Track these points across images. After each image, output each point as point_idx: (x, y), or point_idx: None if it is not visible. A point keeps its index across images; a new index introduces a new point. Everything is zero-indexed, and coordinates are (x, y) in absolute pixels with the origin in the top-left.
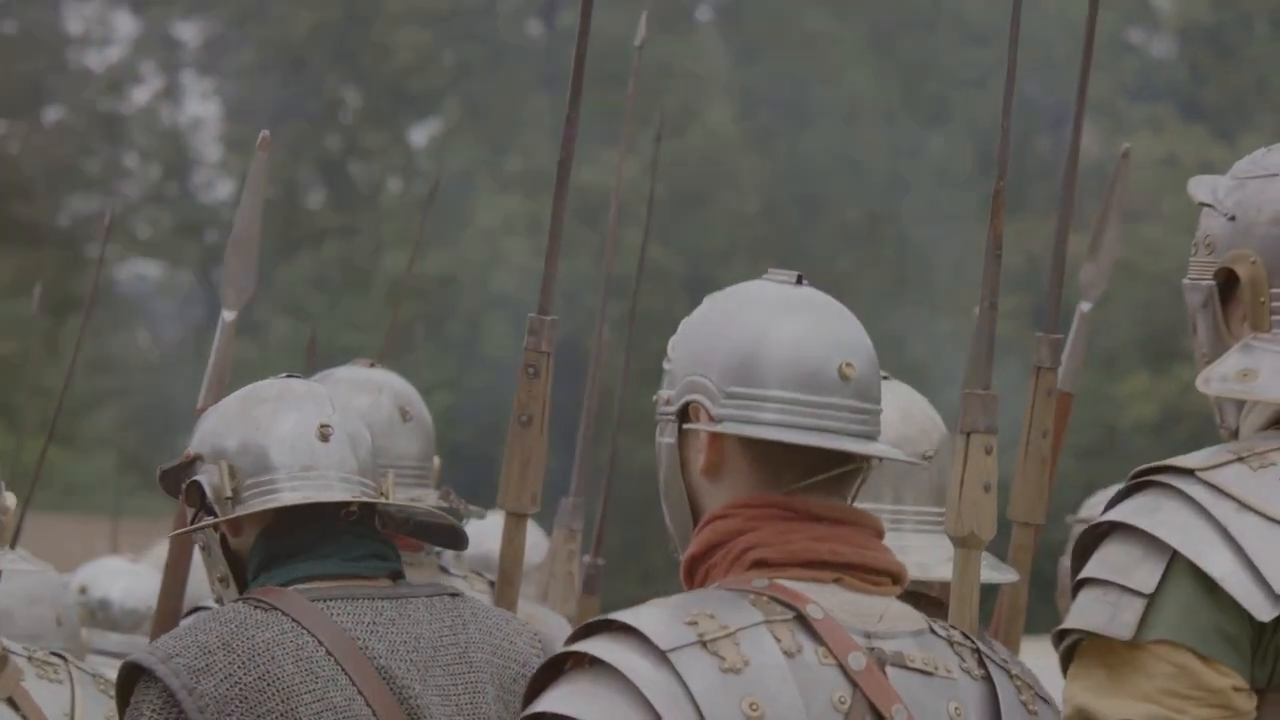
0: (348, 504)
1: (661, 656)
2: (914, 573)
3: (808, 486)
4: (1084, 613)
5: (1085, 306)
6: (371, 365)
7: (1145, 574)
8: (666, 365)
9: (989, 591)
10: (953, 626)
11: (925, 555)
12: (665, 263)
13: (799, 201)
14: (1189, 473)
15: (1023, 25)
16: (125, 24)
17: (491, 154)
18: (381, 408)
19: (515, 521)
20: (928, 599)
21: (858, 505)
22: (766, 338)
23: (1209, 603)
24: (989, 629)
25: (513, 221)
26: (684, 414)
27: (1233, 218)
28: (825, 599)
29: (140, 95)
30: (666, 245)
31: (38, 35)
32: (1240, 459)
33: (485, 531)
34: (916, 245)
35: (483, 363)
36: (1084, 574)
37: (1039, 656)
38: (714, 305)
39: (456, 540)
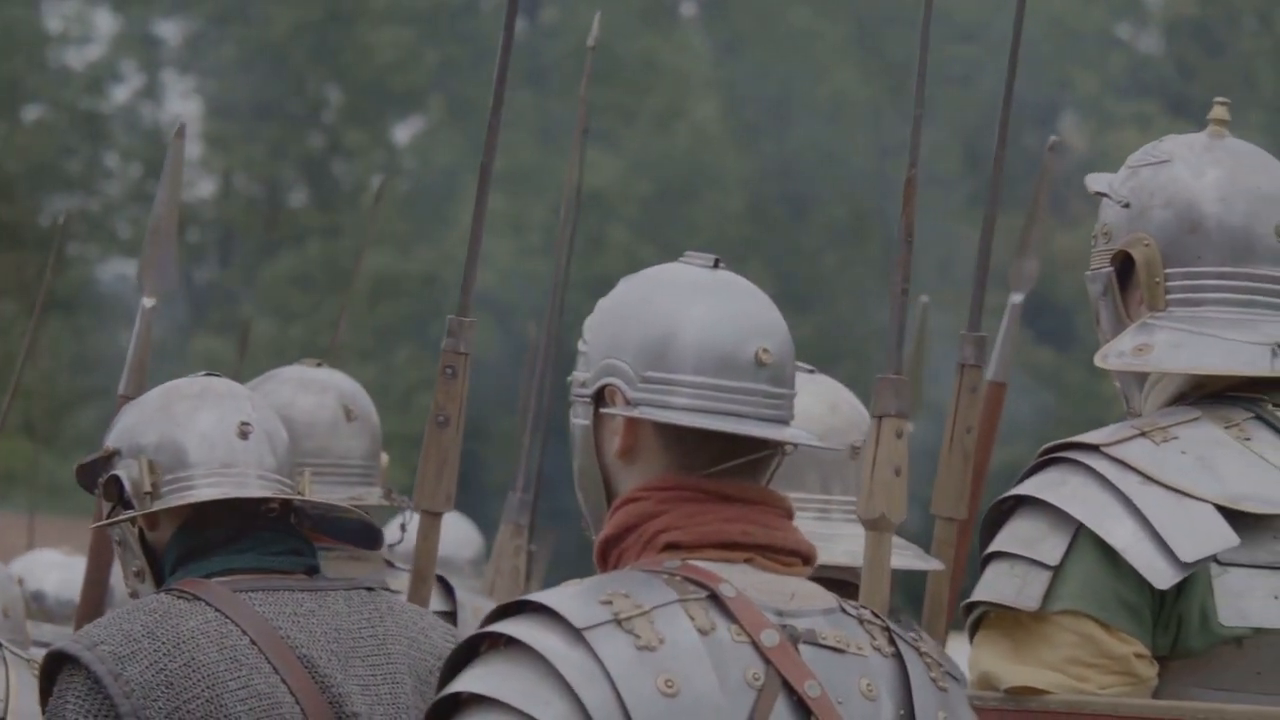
0: (266, 500)
1: (577, 635)
2: (843, 560)
3: (722, 471)
4: (992, 585)
5: (1016, 298)
6: (317, 365)
7: (1051, 546)
8: (582, 347)
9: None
10: (863, 606)
11: (854, 544)
12: (650, 261)
13: (785, 199)
14: (1094, 448)
15: (1006, 22)
16: (105, 22)
17: (474, 152)
18: (326, 407)
19: (430, 520)
20: (852, 586)
21: (787, 493)
22: (682, 322)
23: (1111, 573)
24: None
25: (496, 220)
26: (599, 397)
27: (1127, 205)
28: (737, 578)
29: (121, 94)
30: (651, 244)
31: (16, 33)
32: (1143, 434)
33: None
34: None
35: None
36: (992, 548)
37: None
38: (630, 288)
39: (372, 539)
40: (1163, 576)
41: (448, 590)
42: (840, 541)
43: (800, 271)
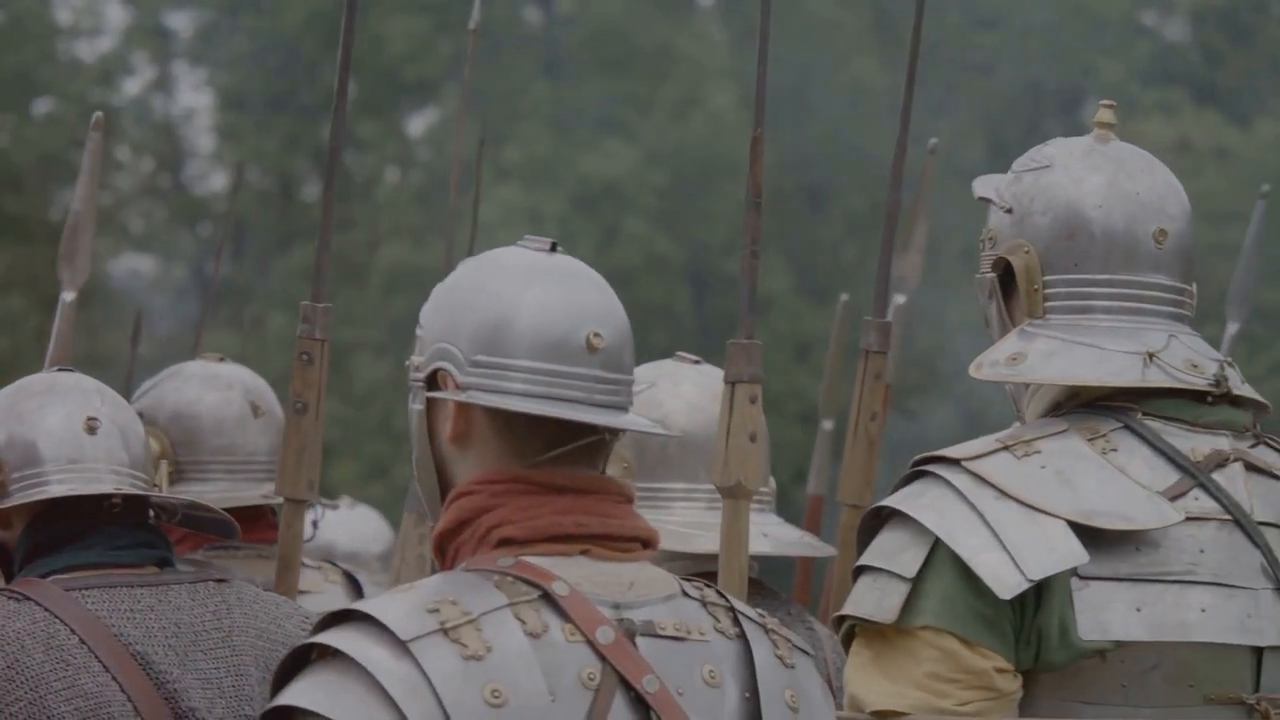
0: (109, 495)
1: (402, 647)
2: None
3: (554, 458)
4: (856, 599)
5: (899, 299)
6: (220, 360)
7: (909, 559)
8: (419, 332)
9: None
10: (708, 585)
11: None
12: (666, 253)
13: (803, 190)
14: (956, 462)
15: (1030, 10)
16: (116, 14)
17: (490, 144)
18: (232, 403)
19: (293, 508)
20: (749, 579)
21: (673, 486)
22: (514, 306)
23: (969, 588)
24: (818, 611)
25: (511, 212)
26: (432, 382)
27: (1010, 210)
28: (572, 572)
29: (132, 86)
30: (667, 235)
31: (27, 26)
32: (1007, 448)
33: (339, 521)
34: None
35: None
36: (860, 561)
37: None
38: (466, 272)
39: (229, 531)
40: (1007, 587)
41: (354, 585)
42: None
43: (819, 263)
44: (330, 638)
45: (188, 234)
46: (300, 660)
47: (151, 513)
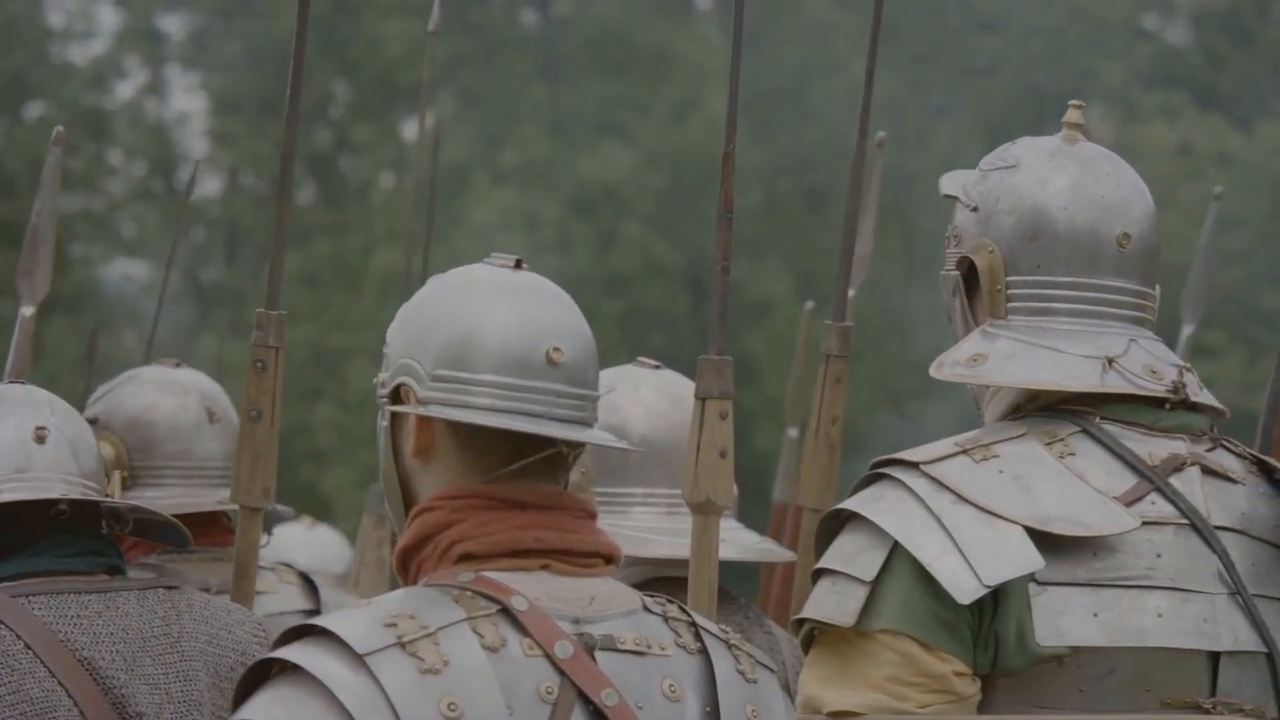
0: (57, 502)
1: (359, 661)
2: (685, 553)
3: (515, 472)
4: (815, 602)
5: (850, 293)
6: (177, 366)
7: (867, 562)
8: (385, 350)
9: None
10: (670, 601)
11: None
12: (665, 258)
13: (802, 193)
14: (914, 465)
15: (1031, 13)
16: (108, 16)
17: (486, 148)
18: (188, 409)
19: (249, 515)
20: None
21: (632, 491)
22: (477, 322)
23: (929, 591)
24: (764, 608)
25: (509, 216)
26: (396, 398)
27: (975, 209)
28: (532, 587)
29: (124, 90)
30: (666, 239)
31: (19, 29)
32: (965, 451)
33: (299, 540)
34: (925, 237)
35: None
36: (818, 564)
37: None
38: (431, 290)
39: (180, 539)
40: (965, 592)
41: (312, 589)
42: (687, 535)
43: (818, 267)
44: (289, 653)
45: (181, 238)
46: (261, 675)
47: (103, 521)
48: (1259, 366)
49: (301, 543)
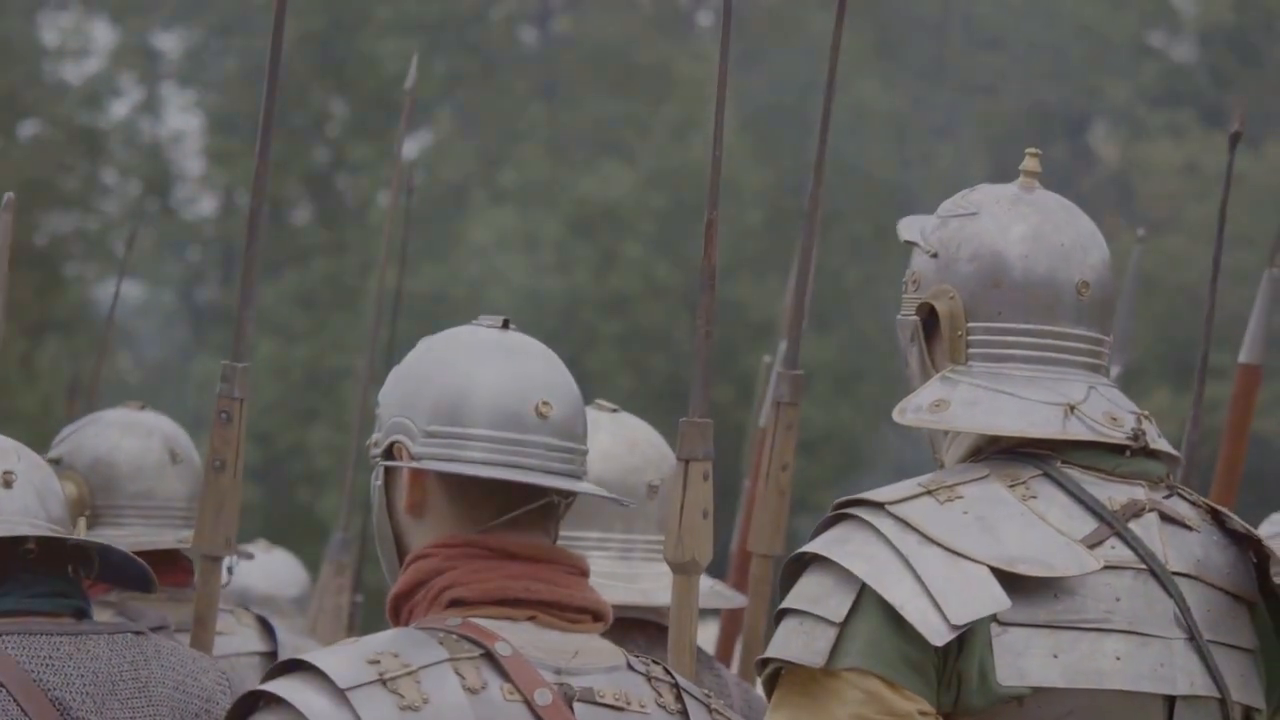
0: (24, 541)
1: (341, 695)
2: (638, 600)
3: (506, 524)
4: (782, 642)
5: (784, 344)
6: (141, 408)
7: (836, 603)
8: (378, 411)
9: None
10: (655, 662)
11: (652, 583)
12: (666, 278)
13: (805, 213)
14: (879, 506)
15: (1035, 31)
16: (103, 34)
17: (485, 167)
18: (151, 450)
19: (209, 565)
20: (655, 626)
21: (587, 535)
22: (467, 380)
23: (895, 631)
24: (716, 655)
25: (507, 236)
26: (389, 456)
27: (935, 255)
28: (517, 636)
29: (119, 108)
30: (667, 259)
31: (12, 47)
32: (930, 492)
33: (254, 565)
34: None
35: None
36: (783, 604)
37: None
38: (422, 351)
39: (147, 583)
40: (937, 634)
41: (269, 631)
42: (640, 581)
43: (821, 288)
44: (274, 686)
45: (176, 259)
46: (248, 708)
47: (69, 565)
48: (1267, 388)
49: (257, 567)
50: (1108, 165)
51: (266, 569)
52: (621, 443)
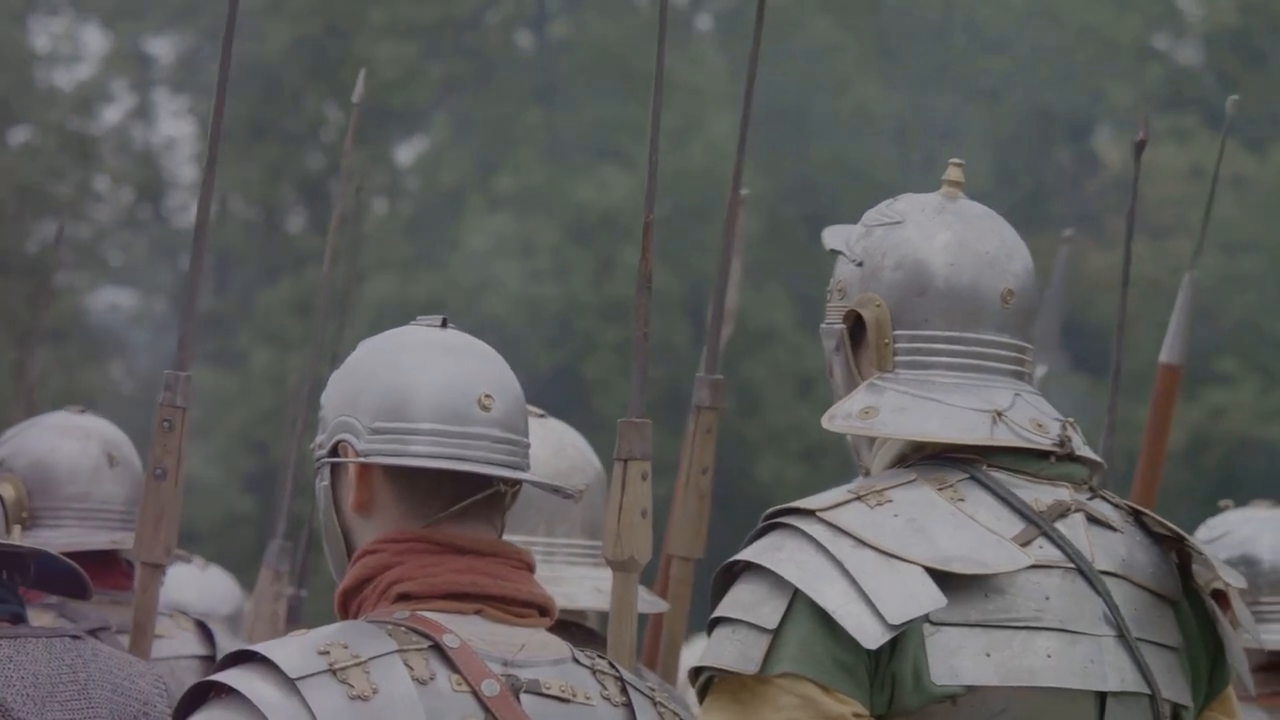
0: None
1: (290, 685)
2: (562, 602)
3: (452, 516)
4: (715, 650)
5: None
6: (81, 412)
7: (769, 611)
8: (321, 414)
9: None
10: (600, 656)
11: (574, 586)
12: (665, 285)
13: (806, 219)
14: (810, 513)
15: (1039, 34)
16: (95, 40)
17: (481, 172)
18: (89, 454)
19: (149, 572)
20: (580, 628)
21: (511, 538)
22: (409, 376)
23: (828, 635)
24: (641, 660)
25: (504, 243)
26: (335, 455)
27: (860, 263)
28: (465, 629)
29: (111, 114)
30: (665, 265)
31: (3, 52)
32: (859, 498)
33: (190, 582)
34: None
35: None
36: (716, 613)
37: None
38: (363, 351)
39: (82, 589)
40: (871, 637)
41: (207, 635)
42: (563, 584)
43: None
44: (225, 676)
45: (169, 267)
46: (198, 699)
47: (4, 571)
48: (1273, 394)
49: (192, 584)
50: (1111, 169)
51: (201, 586)
52: (548, 447)
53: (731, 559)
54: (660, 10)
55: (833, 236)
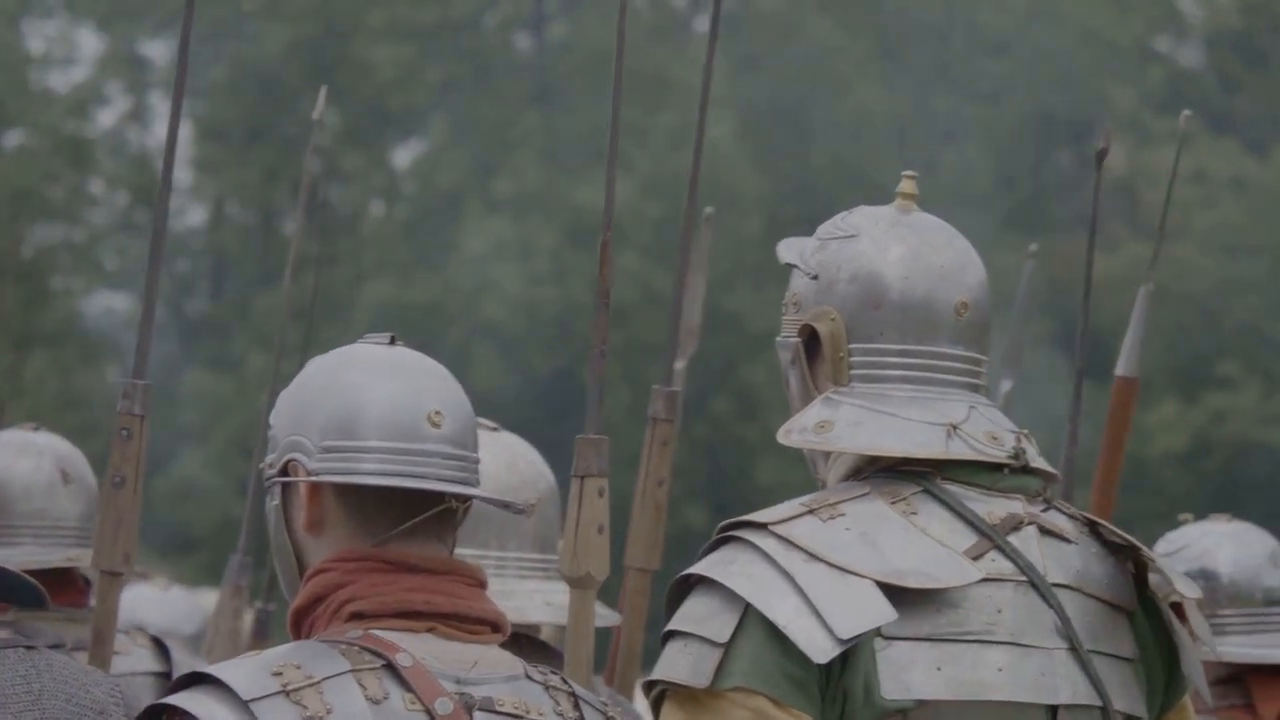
0: None
1: (244, 706)
2: (512, 616)
3: (403, 533)
4: (668, 664)
5: (679, 364)
6: (35, 429)
7: (721, 624)
8: (270, 434)
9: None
10: (552, 671)
11: (525, 600)
12: (662, 289)
13: (805, 221)
14: (763, 527)
15: (1042, 36)
16: (90, 42)
17: (479, 175)
18: (43, 470)
19: (108, 581)
20: (530, 641)
21: (463, 552)
22: (359, 394)
23: (779, 649)
24: (602, 674)
25: (502, 246)
26: (285, 474)
27: (815, 277)
28: (418, 647)
29: (106, 117)
30: (665, 270)
31: None
32: (812, 511)
33: (151, 601)
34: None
35: (470, 395)
36: (669, 626)
37: None
38: (311, 370)
39: (39, 600)
40: (821, 651)
41: (163, 652)
42: (513, 598)
43: None
44: (178, 699)
45: (164, 270)
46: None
47: None
48: (1275, 398)
49: (153, 603)
50: (1113, 172)
51: (162, 605)
52: (500, 461)
53: (684, 572)
54: (617, 52)
55: (787, 250)
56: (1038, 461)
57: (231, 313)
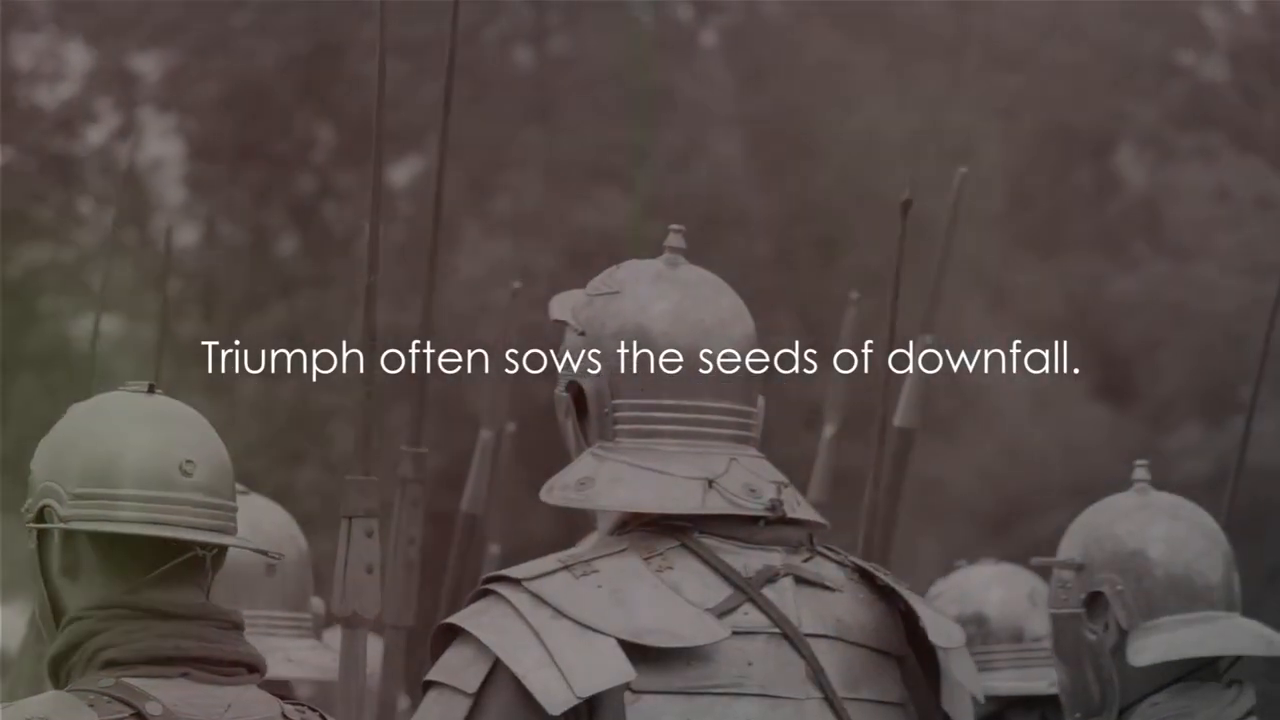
0: None
1: None
2: None
3: (156, 580)
4: (422, 713)
5: (485, 434)
6: None
7: (471, 675)
8: (30, 479)
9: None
10: (310, 708)
11: (266, 656)
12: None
13: (814, 242)
14: (518, 582)
15: (1059, 50)
16: (78, 57)
17: (477, 195)
18: None
19: None
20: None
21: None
22: (113, 442)
23: (525, 703)
24: None
25: (499, 267)
26: (41, 520)
27: (583, 333)
28: (171, 693)
29: (95, 135)
30: None
31: None
32: (567, 568)
33: None
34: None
35: (467, 421)
36: (427, 676)
37: None
38: (69, 418)
39: None
40: (556, 703)
41: None
42: None
43: (831, 320)
44: None
45: (155, 292)
46: None
47: None
48: (1266, 420)
49: None
50: (1134, 190)
51: None
52: (245, 525)
53: (445, 621)
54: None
55: (558, 306)
56: (797, 511)
57: (223, 336)
